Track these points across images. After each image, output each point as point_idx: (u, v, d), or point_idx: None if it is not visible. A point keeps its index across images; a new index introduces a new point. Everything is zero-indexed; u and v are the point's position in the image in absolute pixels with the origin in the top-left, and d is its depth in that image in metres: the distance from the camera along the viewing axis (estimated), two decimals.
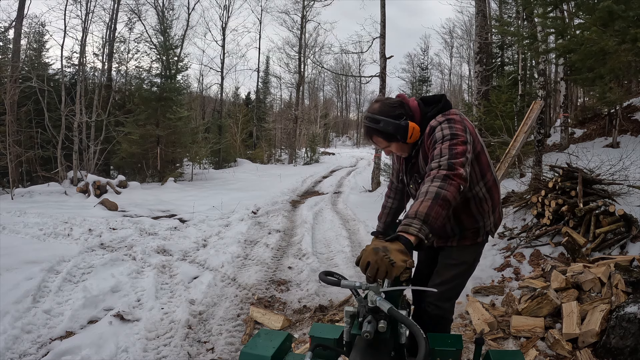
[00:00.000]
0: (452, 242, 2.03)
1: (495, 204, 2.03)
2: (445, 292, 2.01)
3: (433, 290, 1.34)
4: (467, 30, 30.16)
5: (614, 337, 2.47)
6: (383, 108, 1.84)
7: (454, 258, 2.03)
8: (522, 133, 6.08)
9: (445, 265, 2.05)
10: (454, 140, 1.67)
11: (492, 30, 12.42)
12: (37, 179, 11.81)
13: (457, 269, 2.03)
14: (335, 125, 51.91)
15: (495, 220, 2.07)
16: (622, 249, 3.93)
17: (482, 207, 1.97)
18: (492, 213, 2.03)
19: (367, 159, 23.80)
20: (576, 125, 12.59)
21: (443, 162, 1.59)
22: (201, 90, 26.52)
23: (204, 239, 5.99)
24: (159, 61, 14.95)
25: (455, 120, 1.78)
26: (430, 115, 1.86)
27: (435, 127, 1.77)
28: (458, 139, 1.68)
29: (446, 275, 2.02)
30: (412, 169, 1.97)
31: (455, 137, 1.69)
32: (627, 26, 4.80)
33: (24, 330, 3.05)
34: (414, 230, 1.36)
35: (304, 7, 24.39)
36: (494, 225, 2.07)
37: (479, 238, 2.02)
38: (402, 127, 1.80)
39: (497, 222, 2.10)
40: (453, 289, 2.05)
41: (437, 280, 2.03)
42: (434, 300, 2.00)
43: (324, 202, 9.85)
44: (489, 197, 1.99)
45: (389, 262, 1.21)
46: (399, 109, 1.84)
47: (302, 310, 3.69)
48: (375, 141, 1.92)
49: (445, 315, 2.06)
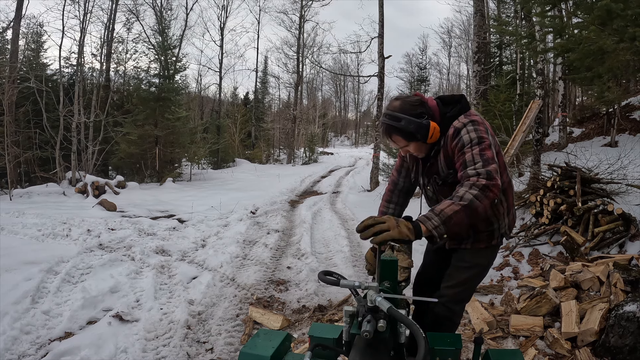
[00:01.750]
0: (465, 245, 1.98)
1: (510, 205, 2.01)
2: (457, 294, 1.99)
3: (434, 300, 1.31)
4: (466, 30, 30.17)
5: (613, 336, 2.48)
6: (404, 106, 1.78)
7: (467, 261, 1.98)
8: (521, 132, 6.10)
9: (458, 267, 2.01)
10: (482, 145, 1.67)
11: (491, 30, 12.45)
12: (35, 179, 11.77)
13: (470, 272, 1.99)
14: (334, 125, 51.87)
15: (510, 222, 2.04)
16: (620, 248, 3.94)
17: (497, 210, 1.93)
18: (507, 215, 1.99)
19: (366, 158, 23.78)
20: (574, 125, 12.61)
21: (480, 169, 1.60)
22: (199, 90, 26.50)
23: (203, 239, 5.99)
24: (157, 61, 14.92)
25: (479, 122, 1.75)
26: (450, 115, 1.81)
27: (460, 128, 1.74)
28: (485, 142, 1.68)
29: (459, 278, 1.98)
30: (431, 170, 1.91)
31: (483, 142, 1.68)
32: (625, 25, 4.81)
33: (23, 331, 3.04)
34: (431, 225, 1.46)
35: (302, 7, 24.39)
36: (508, 227, 2.04)
37: (494, 240, 1.98)
38: (423, 127, 1.74)
39: (511, 224, 2.06)
40: (465, 292, 2.03)
41: (450, 283, 2.00)
42: (445, 302, 1.96)
43: (323, 202, 9.85)
44: (504, 199, 1.95)
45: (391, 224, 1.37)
46: (420, 107, 1.78)
47: (301, 310, 3.69)
48: (395, 140, 1.84)
49: (453, 318, 2.03)
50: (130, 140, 13.64)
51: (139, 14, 16.75)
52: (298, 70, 25.66)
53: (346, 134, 55.41)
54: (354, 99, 54.95)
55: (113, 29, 16.17)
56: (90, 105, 13.02)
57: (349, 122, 56.58)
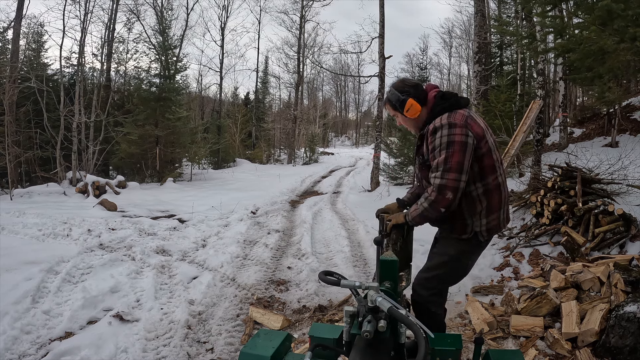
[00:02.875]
0: (441, 233, 2.21)
1: (492, 208, 2.04)
2: (425, 280, 2.10)
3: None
4: (466, 30, 30.16)
5: (614, 337, 2.47)
6: (398, 84, 2.16)
7: (438, 247, 2.18)
8: (521, 133, 6.10)
9: (431, 253, 2.23)
10: (449, 151, 1.88)
11: (491, 30, 12.44)
12: (36, 179, 11.78)
13: (439, 259, 2.12)
14: (334, 125, 51.87)
15: (490, 224, 2.06)
16: (621, 248, 3.94)
17: (473, 207, 2.02)
18: (486, 216, 2.04)
19: (366, 158, 23.77)
20: (575, 125, 12.62)
21: (437, 181, 1.90)
22: (200, 90, 26.47)
23: (203, 239, 5.99)
24: (158, 61, 14.91)
25: (457, 125, 1.90)
26: (438, 110, 2.03)
27: (437, 129, 1.95)
28: (453, 148, 1.88)
29: (429, 263, 2.17)
30: (419, 151, 2.16)
31: (451, 147, 1.88)
32: (626, 25, 4.80)
33: (23, 330, 3.05)
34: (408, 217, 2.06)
35: (302, 7, 24.37)
36: (486, 229, 2.05)
37: (465, 235, 2.05)
38: (400, 100, 2.09)
39: (491, 227, 2.07)
40: (433, 280, 2.09)
41: (422, 267, 2.18)
42: (415, 285, 2.13)
43: (323, 202, 9.85)
44: (484, 199, 2.02)
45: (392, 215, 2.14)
46: (410, 88, 2.11)
47: (301, 310, 3.68)
48: (386, 108, 2.23)
49: (426, 305, 2.09)
50: (131, 140, 13.64)
51: (139, 14, 16.76)
52: (299, 70, 25.65)
53: (347, 134, 55.39)
54: (355, 99, 55.04)
55: (114, 28, 16.18)
56: (91, 105, 13.02)
57: (350, 122, 56.58)
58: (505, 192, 2.10)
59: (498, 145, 2.15)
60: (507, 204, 2.14)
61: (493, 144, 2.05)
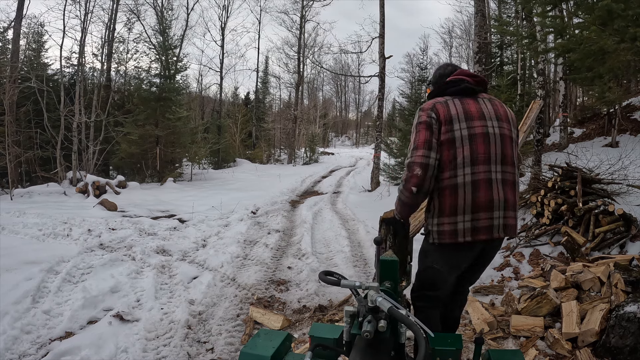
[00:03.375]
0: None
1: (442, 211, 1.83)
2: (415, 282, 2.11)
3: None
4: (466, 30, 30.12)
5: (614, 337, 2.47)
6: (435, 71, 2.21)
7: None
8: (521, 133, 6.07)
9: None
10: (416, 132, 1.88)
11: (491, 30, 12.43)
12: (36, 179, 11.77)
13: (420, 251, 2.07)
14: (335, 125, 51.84)
15: (440, 227, 1.85)
16: (621, 249, 3.94)
17: (429, 201, 1.93)
18: (437, 216, 1.86)
19: (367, 158, 23.77)
20: (575, 125, 12.61)
21: (406, 160, 1.88)
22: (200, 90, 26.46)
23: (204, 239, 5.99)
24: (158, 61, 14.91)
25: (424, 108, 1.91)
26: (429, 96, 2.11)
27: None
28: (418, 128, 1.87)
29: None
30: None
31: (417, 127, 1.88)
32: (626, 25, 4.80)
33: (23, 330, 3.05)
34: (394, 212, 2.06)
35: (303, 7, 24.37)
36: (436, 232, 1.87)
37: (425, 231, 1.99)
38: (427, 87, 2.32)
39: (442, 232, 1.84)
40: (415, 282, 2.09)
41: None
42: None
43: (324, 202, 9.85)
44: (436, 197, 1.86)
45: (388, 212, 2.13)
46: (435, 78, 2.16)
47: (301, 310, 3.69)
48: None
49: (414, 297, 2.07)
50: (131, 140, 13.64)
51: (139, 14, 16.76)
52: (299, 70, 25.64)
53: (347, 134, 55.38)
54: (355, 99, 55.00)
55: (114, 28, 16.17)
56: (91, 105, 13.02)
57: (350, 122, 56.56)
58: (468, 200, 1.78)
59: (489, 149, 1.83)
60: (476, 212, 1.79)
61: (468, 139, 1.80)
